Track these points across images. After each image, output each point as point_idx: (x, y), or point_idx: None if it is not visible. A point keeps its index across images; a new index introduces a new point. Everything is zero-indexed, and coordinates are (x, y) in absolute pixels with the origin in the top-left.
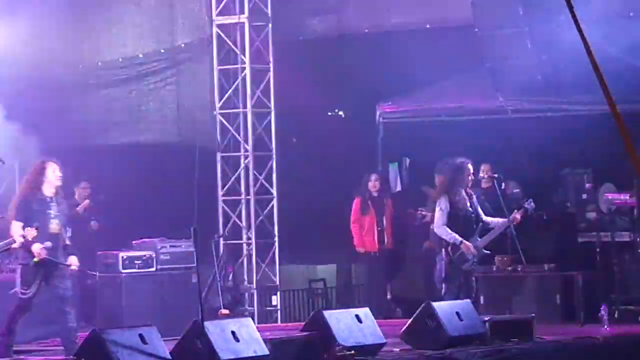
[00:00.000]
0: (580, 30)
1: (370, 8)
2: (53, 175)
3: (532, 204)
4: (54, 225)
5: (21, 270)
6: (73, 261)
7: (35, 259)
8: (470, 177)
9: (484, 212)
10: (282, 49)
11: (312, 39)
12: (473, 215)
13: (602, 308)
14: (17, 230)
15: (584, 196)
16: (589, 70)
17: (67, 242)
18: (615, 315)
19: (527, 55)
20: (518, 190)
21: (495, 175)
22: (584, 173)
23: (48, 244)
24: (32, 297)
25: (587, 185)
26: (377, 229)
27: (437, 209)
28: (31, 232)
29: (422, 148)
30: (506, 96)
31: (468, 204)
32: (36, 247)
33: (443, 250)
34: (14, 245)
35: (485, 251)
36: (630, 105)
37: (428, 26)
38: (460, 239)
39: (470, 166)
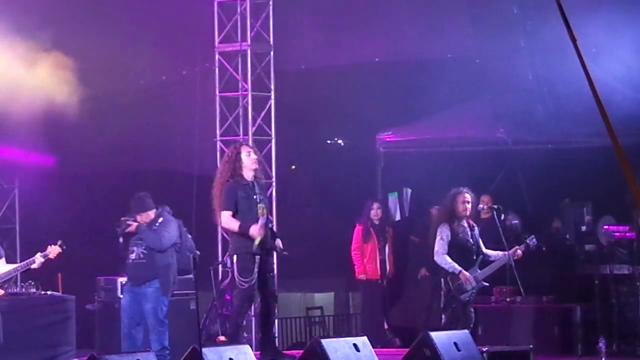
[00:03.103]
0: (582, 63)
1: (373, 39)
2: (248, 160)
3: (534, 240)
4: (261, 210)
5: (238, 259)
6: (279, 244)
7: (257, 241)
8: (466, 204)
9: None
10: (283, 78)
11: (313, 69)
12: (474, 246)
13: (600, 341)
14: (226, 221)
15: (584, 228)
16: (590, 103)
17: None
18: (614, 348)
19: (528, 87)
20: (517, 221)
21: (495, 207)
22: (583, 205)
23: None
24: (254, 287)
25: (587, 217)
26: (380, 257)
27: (438, 237)
28: (55, 250)
29: (422, 178)
30: (507, 127)
31: (469, 235)
32: (254, 230)
33: (442, 280)
34: (33, 266)
35: (485, 283)
36: (631, 138)
37: (429, 57)
38: (459, 268)
39: (467, 195)
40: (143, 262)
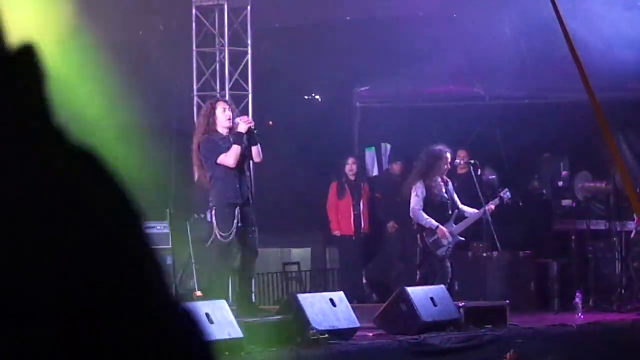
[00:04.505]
0: (560, 19)
1: None
2: (222, 115)
3: (508, 193)
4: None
5: (217, 211)
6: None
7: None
8: (446, 166)
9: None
10: (260, 34)
11: (289, 26)
12: (449, 201)
13: (576, 296)
14: (224, 158)
15: (560, 184)
16: (568, 58)
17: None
18: (590, 303)
19: (505, 43)
20: (494, 176)
21: (472, 162)
22: (560, 161)
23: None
24: (231, 241)
25: (563, 172)
26: (354, 212)
27: (413, 194)
28: None
29: (398, 133)
30: (484, 83)
31: (444, 190)
32: (241, 122)
33: (418, 236)
34: None
35: (460, 238)
36: (608, 93)
37: (407, 13)
38: (436, 224)
39: (448, 155)
40: None
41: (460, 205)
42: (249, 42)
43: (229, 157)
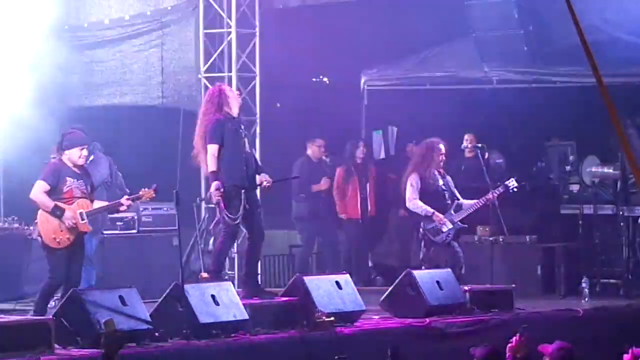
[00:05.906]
0: (568, 2)
1: None
2: (232, 93)
3: (514, 182)
4: (246, 144)
5: (223, 194)
6: (266, 178)
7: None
8: (441, 157)
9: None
10: (267, 15)
11: (297, 7)
12: (446, 191)
13: (583, 281)
14: (212, 155)
15: (568, 168)
16: (576, 42)
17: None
18: (597, 289)
19: (513, 26)
20: (501, 160)
21: (479, 145)
22: (567, 145)
23: None
24: (239, 223)
25: (571, 157)
26: (361, 196)
27: (409, 185)
28: (148, 193)
29: (405, 116)
30: (491, 66)
31: (440, 182)
32: (212, 189)
33: (420, 230)
34: (121, 208)
35: (462, 225)
36: (616, 79)
37: None
38: (432, 210)
39: (441, 146)
40: None
41: (461, 200)
42: (257, 23)
43: (211, 164)
